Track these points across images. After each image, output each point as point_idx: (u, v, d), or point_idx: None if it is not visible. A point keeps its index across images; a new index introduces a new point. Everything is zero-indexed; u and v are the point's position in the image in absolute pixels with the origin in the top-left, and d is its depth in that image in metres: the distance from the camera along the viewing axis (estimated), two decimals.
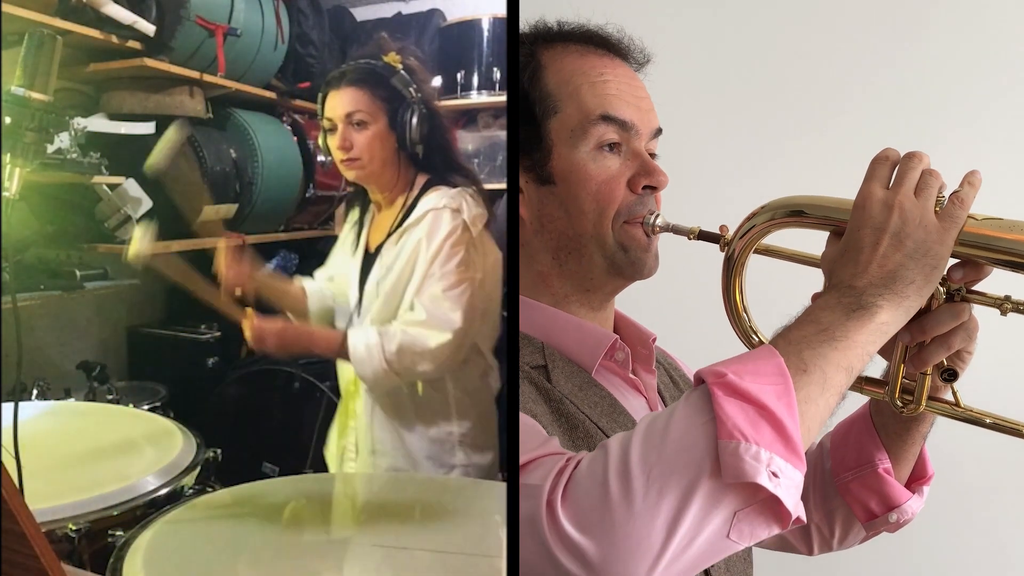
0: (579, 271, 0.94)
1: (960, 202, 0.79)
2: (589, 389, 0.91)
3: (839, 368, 0.74)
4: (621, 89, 0.93)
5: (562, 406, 0.88)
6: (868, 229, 0.77)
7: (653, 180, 0.92)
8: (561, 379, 0.90)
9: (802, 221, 0.86)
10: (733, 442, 0.67)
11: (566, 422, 0.87)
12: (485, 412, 1.67)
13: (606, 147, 0.92)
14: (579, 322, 0.94)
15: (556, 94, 0.93)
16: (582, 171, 0.91)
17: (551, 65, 0.94)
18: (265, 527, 1.30)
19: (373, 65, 1.61)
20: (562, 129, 0.92)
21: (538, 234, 0.94)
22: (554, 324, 0.93)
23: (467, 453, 1.63)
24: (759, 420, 0.68)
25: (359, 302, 1.64)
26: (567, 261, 0.93)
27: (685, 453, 0.69)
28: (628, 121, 0.92)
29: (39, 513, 0.88)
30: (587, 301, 0.96)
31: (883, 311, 0.75)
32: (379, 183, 1.63)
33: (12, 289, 1.30)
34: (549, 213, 0.93)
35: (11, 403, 1.12)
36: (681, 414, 0.71)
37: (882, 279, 0.76)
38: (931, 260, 0.77)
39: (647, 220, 0.92)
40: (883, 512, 1.02)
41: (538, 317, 0.93)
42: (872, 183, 0.79)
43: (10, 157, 1.18)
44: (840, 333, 0.74)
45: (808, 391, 0.72)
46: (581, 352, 0.93)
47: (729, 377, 0.70)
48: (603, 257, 0.92)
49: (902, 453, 1.00)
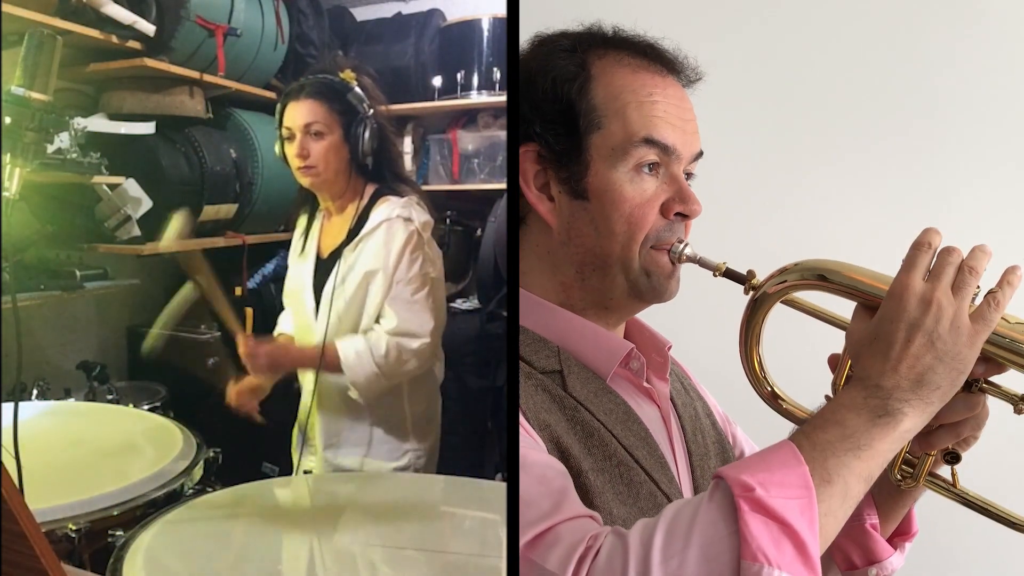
0: (600, 288, 0.93)
1: (995, 304, 0.77)
2: (604, 396, 0.91)
3: (860, 478, 0.74)
4: (668, 111, 0.92)
5: (577, 413, 0.88)
6: (903, 323, 0.76)
7: (686, 208, 0.92)
8: (576, 385, 0.90)
9: (831, 288, 0.85)
10: (756, 565, 0.67)
11: (581, 430, 0.87)
12: (431, 399, 1.80)
13: (645, 168, 0.91)
14: (596, 329, 0.94)
15: (602, 109, 0.91)
16: (617, 192, 0.90)
17: (601, 78, 0.92)
18: (264, 527, 1.30)
19: (331, 80, 1.72)
20: (603, 146, 0.91)
21: (565, 246, 0.93)
22: (571, 329, 0.93)
23: (417, 437, 1.72)
24: (782, 539, 0.69)
25: (316, 308, 1.70)
26: (590, 277, 0.93)
27: (706, 565, 0.69)
28: (671, 146, 0.91)
29: (39, 513, 0.88)
30: (604, 317, 0.96)
31: (907, 418, 0.75)
32: (331, 191, 1.72)
33: (12, 289, 1.30)
34: (579, 228, 0.92)
35: (11, 403, 1.12)
36: (705, 519, 0.71)
37: (910, 383, 0.75)
38: (959, 365, 0.76)
39: (675, 248, 0.92)
40: (864, 565, 1.01)
41: (556, 321, 0.93)
42: (911, 273, 0.78)
43: (10, 157, 1.18)
44: (865, 441, 0.74)
45: (830, 504, 0.72)
46: (597, 359, 0.93)
47: (757, 492, 0.70)
48: (626, 279, 0.92)
49: (891, 513, 1.00)
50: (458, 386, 1.94)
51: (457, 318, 2.39)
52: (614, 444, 0.87)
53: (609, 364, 0.93)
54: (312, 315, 1.70)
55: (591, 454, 0.85)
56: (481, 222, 2.54)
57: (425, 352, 1.65)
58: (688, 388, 1.08)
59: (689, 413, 1.03)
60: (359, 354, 1.61)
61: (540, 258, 0.95)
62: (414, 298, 1.64)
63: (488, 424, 2.30)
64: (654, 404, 0.97)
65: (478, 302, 2.56)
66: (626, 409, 0.91)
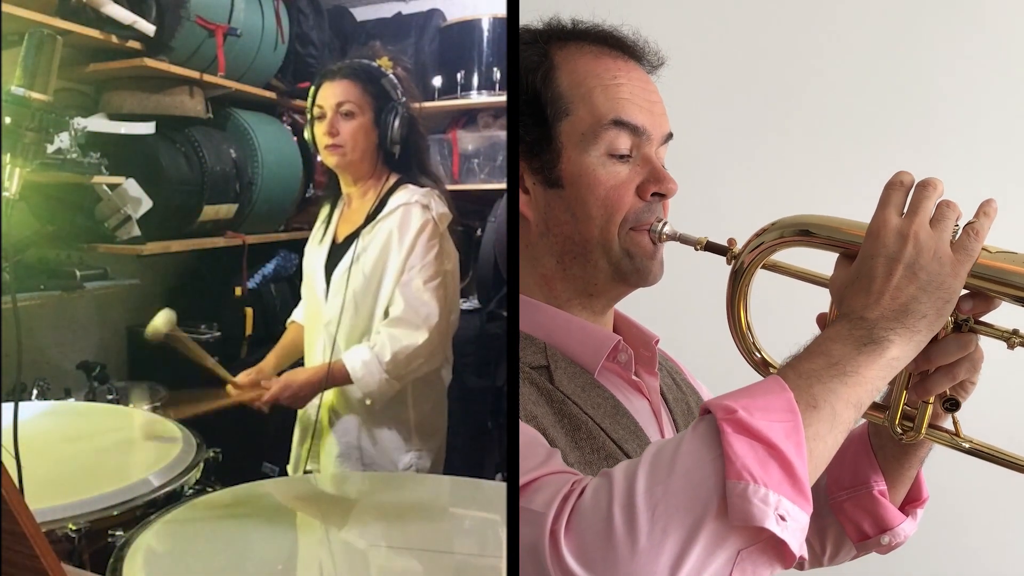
0: (583, 276, 0.93)
1: (975, 234, 0.77)
2: (592, 390, 0.91)
3: (848, 404, 0.73)
4: (634, 93, 0.92)
5: (564, 407, 0.88)
6: (882, 258, 0.76)
7: (662, 188, 0.92)
8: (564, 379, 0.90)
9: (812, 241, 0.85)
10: (742, 483, 0.66)
11: (568, 423, 0.87)
12: (438, 400, 1.79)
13: (616, 152, 0.91)
14: (582, 323, 0.94)
15: (568, 96, 0.92)
16: (591, 176, 0.90)
17: (564, 66, 0.93)
18: (265, 527, 1.30)
19: (368, 65, 1.73)
20: (573, 132, 0.91)
21: (543, 236, 0.93)
22: (557, 324, 0.93)
23: (422, 439, 1.72)
24: (768, 459, 0.68)
25: (327, 290, 1.70)
26: (571, 265, 0.93)
27: (691, 490, 0.68)
28: (640, 126, 0.91)
29: (39, 513, 0.88)
30: (589, 305, 0.95)
31: (894, 345, 0.75)
32: (355, 173, 1.73)
33: (12, 289, 1.29)
34: (556, 216, 0.92)
35: (11, 403, 1.12)
36: (688, 447, 0.70)
37: (894, 312, 0.75)
38: (944, 294, 0.76)
39: (654, 228, 0.92)
40: (876, 534, 1.01)
41: (541, 317, 0.93)
42: (887, 210, 0.78)
43: (10, 157, 1.18)
44: (851, 368, 0.74)
45: (818, 428, 0.72)
46: (584, 353, 0.92)
47: (739, 414, 0.69)
48: (608, 263, 0.92)
49: (898, 476, 1.00)
50: (458, 386, 1.94)
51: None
52: (602, 437, 0.87)
53: (596, 358, 0.92)
54: (323, 297, 1.70)
55: (579, 447, 0.85)
56: (481, 222, 2.55)
57: (431, 346, 1.63)
58: (680, 383, 1.08)
59: (681, 408, 1.03)
60: (366, 364, 1.61)
61: (520, 253, 0.95)
62: (425, 287, 1.63)
63: (488, 424, 2.30)
64: (644, 398, 0.97)
65: (478, 302, 2.56)
66: (615, 403, 0.91)
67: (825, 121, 1.85)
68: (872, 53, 1.84)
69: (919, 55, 1.82)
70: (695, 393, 1.09)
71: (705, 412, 0.72)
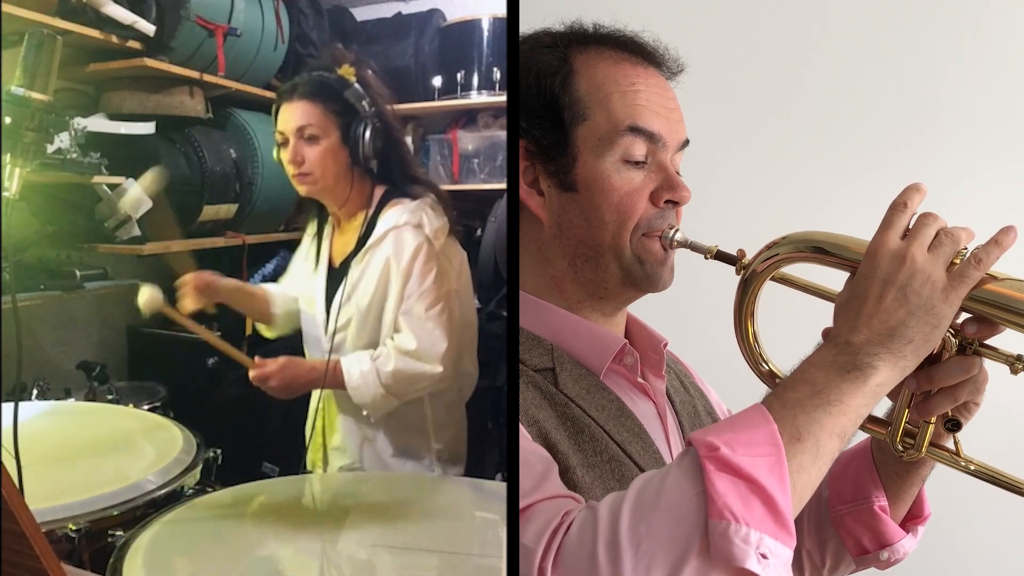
0: (594, 279, 0.93)
1: (976, 261, 0.77)
2: (597, 392, 0.91)
3: (832, 434, 0.73)
4: (652, 100, 0.92)
5: (568, 409, 0.88)
6: (876, 280, 0.76)
7: (676, 195, 0.92)
8: (568, 382, 0.90)
9: (822, 259, 0.85)
10: (723, 523, 0.66)
11: (572, 426, 0.87)
12: (459, 424, 1.70)
13: (632, 159, 0.91)
14: (589, 325, 0.94)
15: (586, 101, 0.92)
16: (606, 181, 0.90)
17: (583, 71, 0.93)
18: (265, 527, 1.30)
19: (326, 78, 1.59)
20: (589, 137, 0.91)
21: (556, 239, 0.93)
22: (564, 326, 0.93)
23: (444, 467, 1.64)
24: (750, 497, 0.68)
25: (326, 321, 1.62)
26: (583, 268, 0.93)
27: (674, 528, 0.68)
28: (656, 133, 0.91)
29: (39, 513, 0.88)
30: (599, 308, 0.95)
31: (879, 372, 0.75)
32: (333, 198, 1.62)
33: (12, 289, 1.29)
34: (569, 220, 0.92)
35: (11, 403, 1.12)
36: (672, 483, 0.70)
37: (880, 336, 0.75)
38: (933, 319, 0.75)
39: (666, 234, 0.92)
40: (875, 549, 1.01)
41: (549, 318, 0.93)
42: (887, 232, 0.78)
43: (10, 157, 1.18)
44: (835, 396, 0.74)
45: (801, 460, 0.71)
46: (590, 355, 0.93)
47: (722, 451, 0.69)
48: (619, 268, 0.92)
49: (900, 492, 1.00)
50: None
51: None
52: (606, 440, 0.87)
53: (602, 360, 0.93)
54: (322, 329, 1.63)
55: (581, 450, 0.85)
56: (481, 222, 2.54)
57: (440, 376, 1.54)
58: (688, 386, 1.08)
59: (688, 411, 1.03)
60: (363, 375, 1.53)
61: (531, 254, 0.95)
62: (427, 314, 1.53)
63: (488, 424, 2.30)
64: (649, 400, 0.97)
65: (478, 302, 2.56)
66: (619, 405, 0.91)
67: (841, 133, 1.83)
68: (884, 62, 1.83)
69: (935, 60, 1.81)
70: (703, 396, 1.09)
71: (688, 444, 0.73)
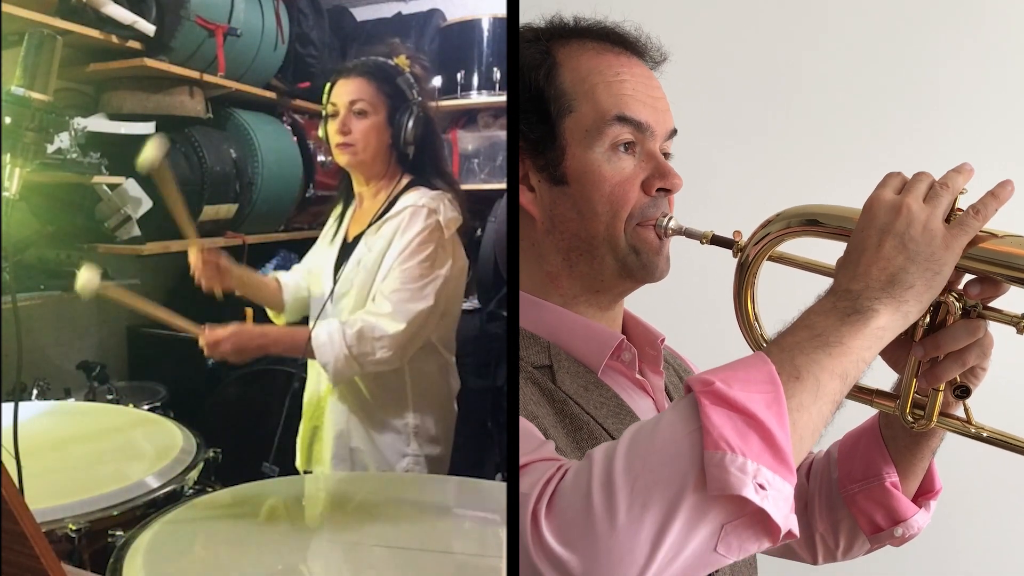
0: (590, 272, 0.93)
1: (975, 213, 0.78)
2: (595, 389, 0.91)
3: (833, 375, 0.73)
4: (637, 89, 0.92)
5: (566, 407, 0.87)
6: (873, 230, 0.77)
7: (667, 183, 0.91)
8: (566, 379, 0.90)
9: (817, 230, 0.85)
10: (719, 453, 0.66)
11: (570, 423, 0.87)
12: (442, 407, 1.76)
13: (621, 148, 0.91)
14: (586, 322, 0.94)
15: (571, 93, 0.91)
16: (596, 172, 0.90)
17: (567, 63, 0.93)
18: (265, 527, 1.30)
19: (384, 62, 1.70)
20: (577, 129, 0.91)
21: (549, 234, 0.93)
22: (561, 323, 0.93)
23: (420, 444, 1.69)
24: (747, 430, 0.67)
25: (332, 290, 1.68)
26: (578, 262, 0.93)
27: (670, 464, 0.67)
28: (644, 122, 0.91)
29: (39, 513, 0.88)
30: (596, 302, 0.95)
31: (880, 315, 0.74)
32: (367, 173, 1.70)
33: (12, 289, 1.29)
34: (561, 213, 0.92)
35: (11, 403, 1.12)
36: (667, 423, 0.70)
37: (881, 282, 0.75)
38: (934, 266, 0.76)
39: (660, 223, 0.91)
40: (888, 526, 1.01)
41: (546, 316, 0.93)
42: (883, 189, 0.79)
43: (10, 157, 1.18)
44: (834, 338, 0.73)
45: (800, 399, 0.71)
46: (588, 352, 0.92)
47: (717, 385, 0.69)
48: (614, 259, 0.92)
49: (910, 467, 0.99)
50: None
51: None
52: (604, 437, 0.87)
53: (600, 356, 0.92)
54: (328, 298, 1.69)
55: (579, 447, 0.85)
56: (481, 222, 2.55)
57: (399, 340, 1.57)
58: None
59: None
60: (330, 335, 1.57)
61: (525, 251, 0.94)
62: (406, 286, 1.59)
63: (488, 424, 2.30)
64: (648, 396, 0.97)
65: (478, 302, 2.56)
66: (618, 402, 0.91)
67: (826, 115, 1.84)
68: (873, 47, 1.83)
69: (919, 50, 1.82)
70: None
71: (688, 390, 0.72)
